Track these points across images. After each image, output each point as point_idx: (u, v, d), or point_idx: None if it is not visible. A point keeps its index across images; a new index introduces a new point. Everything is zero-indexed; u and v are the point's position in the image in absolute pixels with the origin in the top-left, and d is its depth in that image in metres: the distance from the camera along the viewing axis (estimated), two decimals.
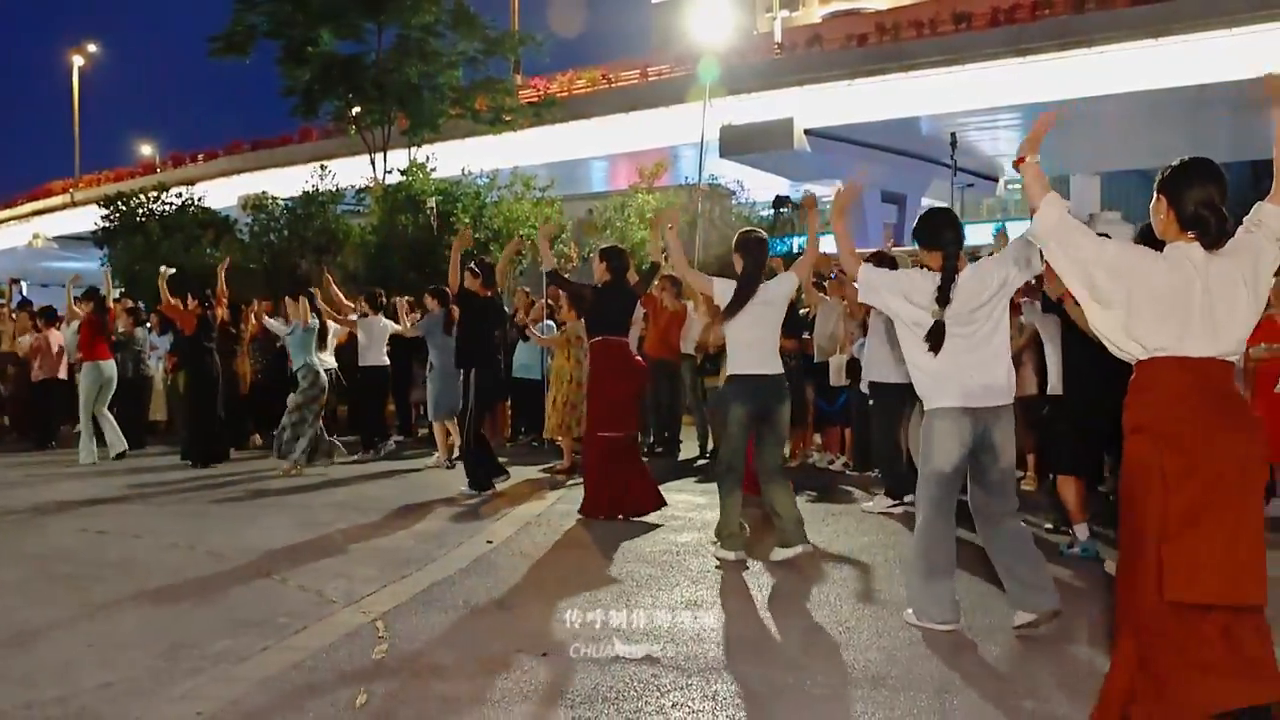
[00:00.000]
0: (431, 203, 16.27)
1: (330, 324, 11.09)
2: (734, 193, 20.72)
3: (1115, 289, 3.35)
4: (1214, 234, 3.38)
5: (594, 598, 5.41)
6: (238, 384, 12.22)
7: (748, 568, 6.11)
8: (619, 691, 4.03)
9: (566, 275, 9.64)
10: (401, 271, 15.85)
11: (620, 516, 7.58)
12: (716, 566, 6.14)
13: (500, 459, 9.31)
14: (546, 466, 10.44)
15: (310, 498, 8.88)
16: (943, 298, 4.59)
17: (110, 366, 11.52)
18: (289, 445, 10.25)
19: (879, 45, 32.85)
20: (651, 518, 7.62)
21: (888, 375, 7.65)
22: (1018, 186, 43.84)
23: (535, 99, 30.20)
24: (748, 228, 7.01)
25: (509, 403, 12.99)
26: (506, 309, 12.58)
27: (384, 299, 11.58)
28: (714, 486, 9.01)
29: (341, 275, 14.90)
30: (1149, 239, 5.76)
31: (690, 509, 8.09)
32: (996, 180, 41.14)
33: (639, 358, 8.37)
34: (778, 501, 6.24)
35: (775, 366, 6.27)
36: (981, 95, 31.60)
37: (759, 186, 27.21)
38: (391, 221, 16.95)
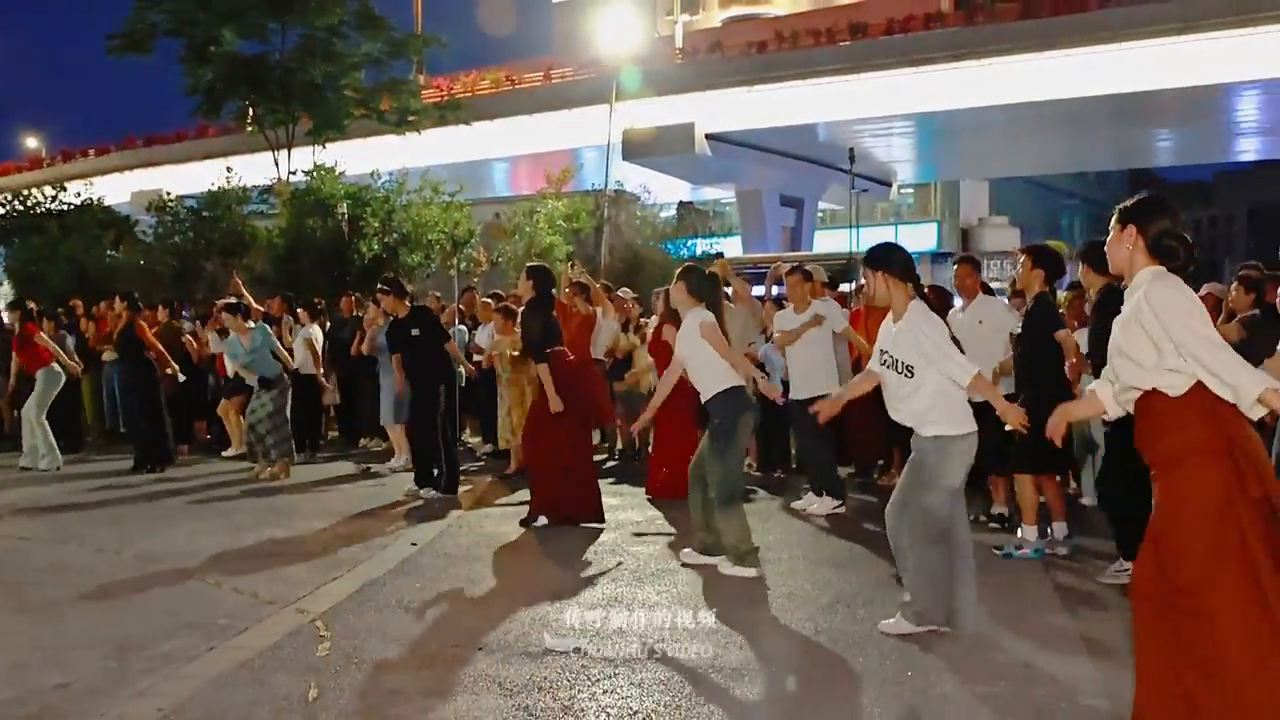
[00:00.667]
0: (343, 208, 16.35)
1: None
2: (639, 198, 21.15)
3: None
4: (1183, 262, 3.53)
5: (521, 595, 5.74)
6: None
7: (667, 566, 6.48)
8: (552, 681, 4.37)
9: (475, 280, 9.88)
10: (311, 275, 15.90)
11: (560, 521, 7.83)
12: (618, 563, 6.50)
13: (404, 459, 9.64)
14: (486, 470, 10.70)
15: (234, 503, 9.02)
16: None
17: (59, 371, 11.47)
18: (274, 448, 10.35)
19: (779, 52, 33.59)
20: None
21: (820, 388, 7.97)
22: (910, 191, 45.20)
23: (439, 99, 30.24)
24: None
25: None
26: None
27: (321, 306, 11.72)
28: (627, 487, 9.48)
29: (249, 278, 14.91)
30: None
31: (605, 510, 8.43)
32: (890, 185, 42.31)
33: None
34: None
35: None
36: (877, 103, 32.54)
37: (662, 190, 27.72)
38: (300, 225, 16.98)
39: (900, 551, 5.05)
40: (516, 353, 10.17)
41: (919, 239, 46.10)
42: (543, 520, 7.70)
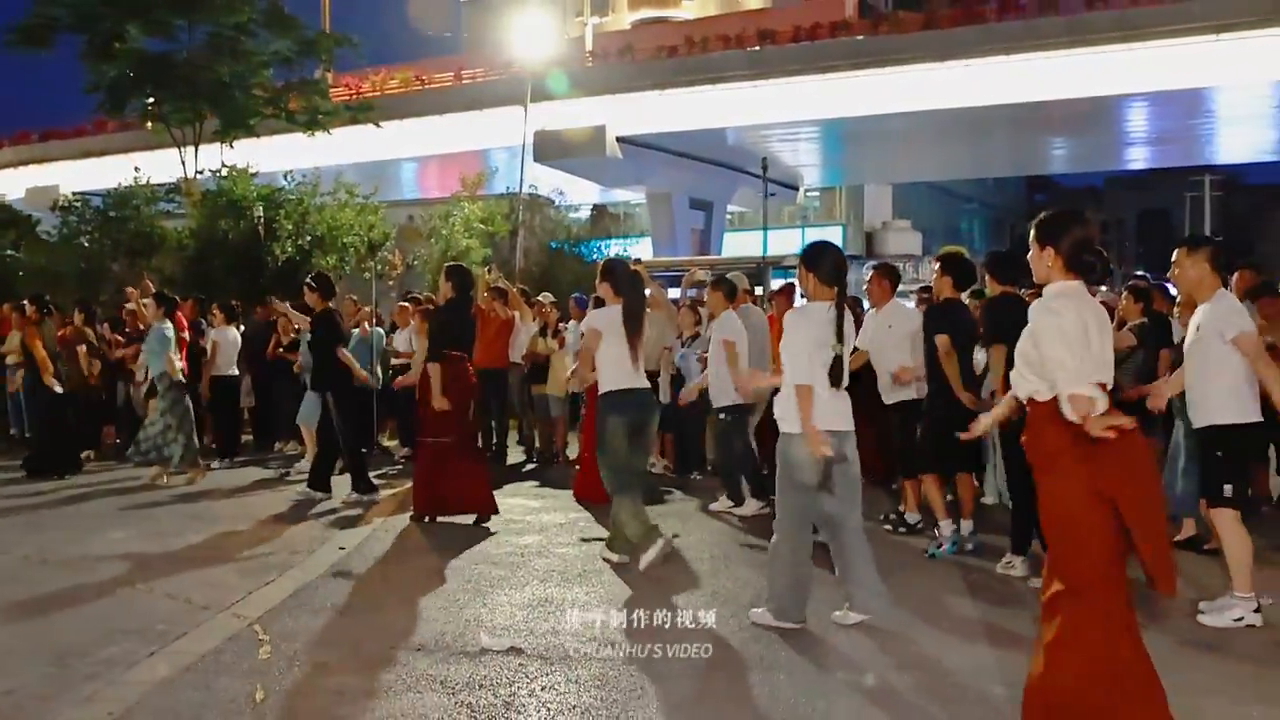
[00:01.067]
0: (259, 210, 16.20)
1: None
2: (553, 201, 21.28)
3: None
4: (1099, 275, 3.80)
5: (453, 597, 5.93)
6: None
7: (594, 567, 6.69)
8: (492, 679, 4.57)
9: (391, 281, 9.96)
10: (224, 277, 15.76)
11: (443, 517, 8.13)
12: (546, 564, 6.70)
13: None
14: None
15: (153, 509, 9.00)
16: (839, 334, 5.17)
17: None
18: (161, 451, 10.26)
19: (689, 57, 33.90)
20: (493, 523, 8.10)
21: (738, 398, 8.26)
22: (816, 195, 45.91)
23: (347, 98, 29.97)
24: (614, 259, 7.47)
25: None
26: None
27: (239, 308, 11.68)
28: (548, 490, 9.68)
29: (159, 279, 14.73)
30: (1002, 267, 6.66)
31: (527, 512, 8.63)
32: (797, 189, 42.97)
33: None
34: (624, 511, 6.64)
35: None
36: (785, 109, 33.03)
37: (576, 193, 27.88)
38: (211, 226, 16.78)
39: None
40: None
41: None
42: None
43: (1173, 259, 5.69)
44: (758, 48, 32.88)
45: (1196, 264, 5.54)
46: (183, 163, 22.33)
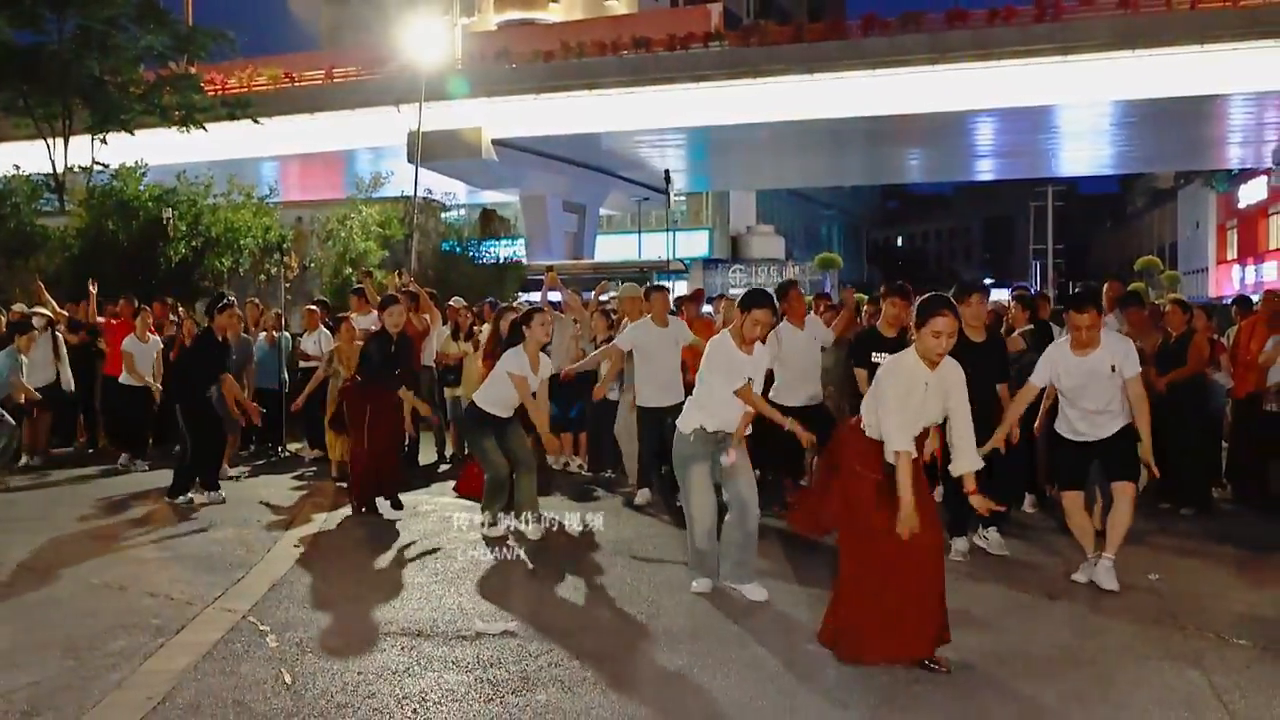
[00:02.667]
0: (168, 213, 15.98)
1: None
2: (444, 205, 21.45)
3: None
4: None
5: (426, 588, 6.30)
6: None
7: (544, 556, 7.11)
8: (500, 658, 4.98)
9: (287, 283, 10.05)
10: (115, 279, 15.50)
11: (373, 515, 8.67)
12: (490, 554, 7.11)
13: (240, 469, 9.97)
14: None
15: (75, 513, 9.01)
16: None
17: None
18: None
19: (566, 62, 34.35)
20: (432, 521, 8.44)
21: (656, 401, 8.77)
22: (683, 200, 46.76)
23: (213, 93, 29.43)
24: None
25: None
26: None
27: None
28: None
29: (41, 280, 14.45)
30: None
31: (460, 509, 8.96)
32: (666, 194, 43.86)
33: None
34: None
35: None
36: (657, 116, 33.79)
37: (462, 195, 28.06)
38: (99, 226, 16.47)
39: None
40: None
41: (693, 246, 48.02)
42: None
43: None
44: (633, 55, 33.49)
45: None
46: (51, 160, 21.76)
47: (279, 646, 5.20)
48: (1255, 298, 11.93)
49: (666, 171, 32.11)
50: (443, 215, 21.72)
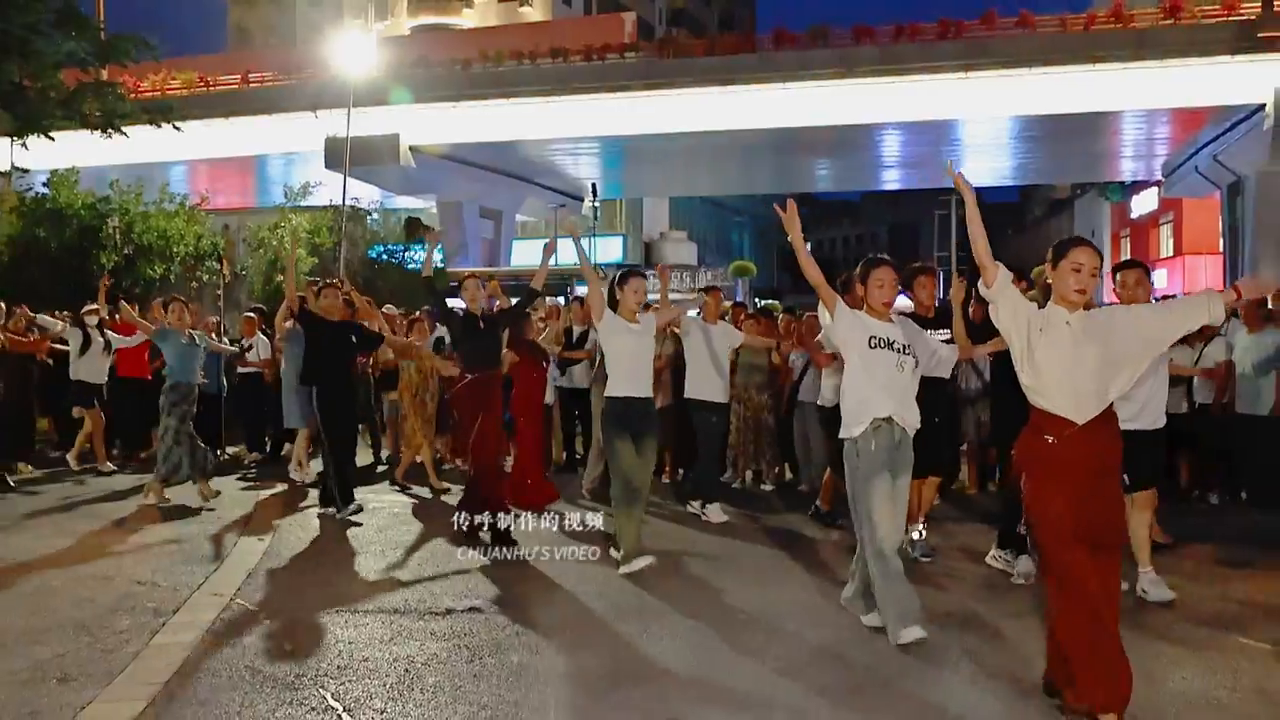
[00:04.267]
0: (113, 221, 16.17)
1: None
2: (370, 213, 21.81)
3: None
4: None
5: (390, 574, 6.99)
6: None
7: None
8: (473, 630, 5.68)
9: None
10: (48, 286, 15.71)
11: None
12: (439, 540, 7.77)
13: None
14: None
15: (35, 511, 9.44)
16: None
17: None
18: None
19: (484, 71, 34.75)
20: (383, 516, 9.05)
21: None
22: (598, 206, 47.45)
23: (133, 95, 29.24)
24: None
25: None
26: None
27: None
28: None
29: None
30: None
31: (403, 506, 9.63)
32: (582, 200, 44.51)
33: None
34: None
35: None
36: (573, 125, 34.40)
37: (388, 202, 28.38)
38: (30, 233, 16.61)
39: None
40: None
41: (607, 251, 48.70)
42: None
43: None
44: (551, 64, 34.05)
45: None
46: None
47: (271, 623, 5.82)
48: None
49: (593, 185, 32.69)
50: (369, 222, 22.09)
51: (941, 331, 7.06)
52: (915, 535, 7.38)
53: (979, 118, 31.67)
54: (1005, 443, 6.45)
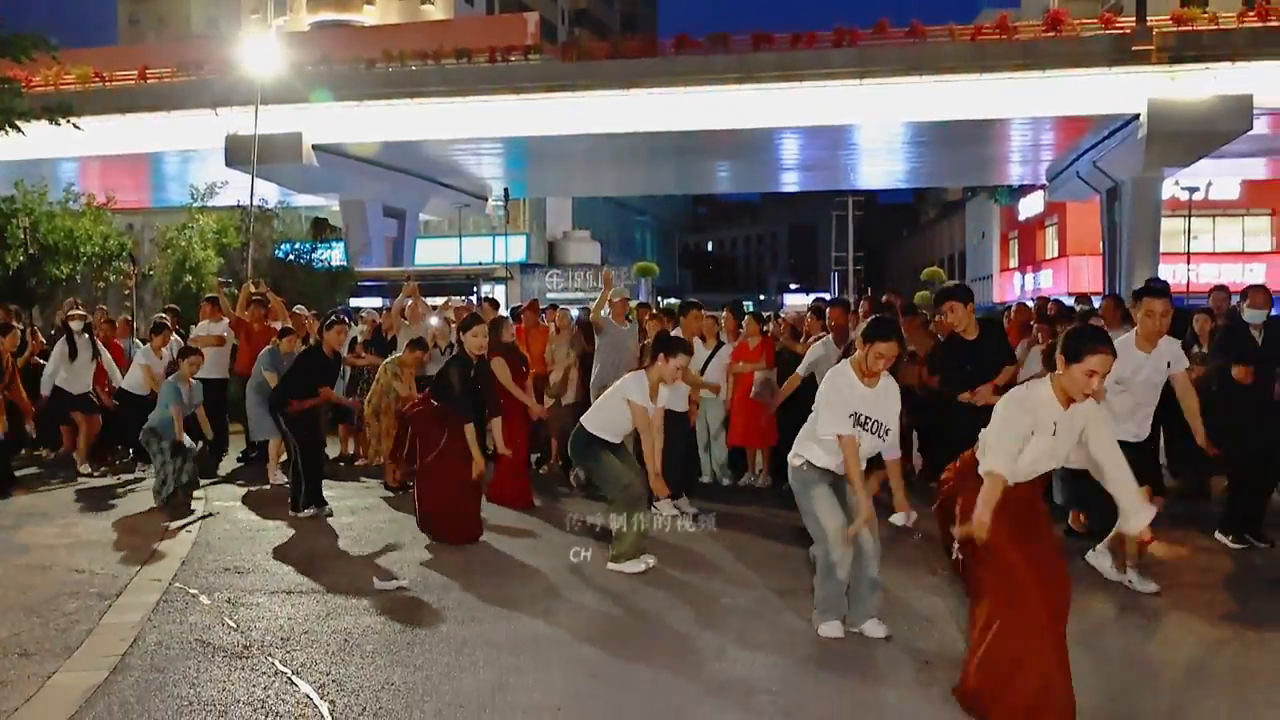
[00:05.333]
0: (24, 221, 16.04)
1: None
2: (276, 213, 21.84)
3: None
4: None
5: (317, 560, 7.40)
6: None
7: (410, 534, 8.24)
8: (405, 604, 6.15)
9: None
10: None
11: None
12: (365, 530, 8.21)
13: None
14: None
15: None
16: None
17: None
18: None
19: (388, 71, 34.81)
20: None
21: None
22: (501, 205, 47.68)
23: (29, 88, 28.71)
24: None
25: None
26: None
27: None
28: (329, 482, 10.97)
29: None
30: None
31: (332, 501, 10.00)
32: (486, 200, 44.78)
33: None
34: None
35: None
36: (477, 125, 34.68)
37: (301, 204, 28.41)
38: None
39: None
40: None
41: (512, 250, 49.00)
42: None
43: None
44: (455, 65, 34.26)
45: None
46: None
47: (211, 604, 6.23)
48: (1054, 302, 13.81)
49: (506, 190, 33.08)
50: (286, 222, 22.12)
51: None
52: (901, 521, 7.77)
53: (873, 123, 32.75)
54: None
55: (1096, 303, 12.33)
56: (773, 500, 9.47)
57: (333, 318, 9.85)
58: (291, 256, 20.18)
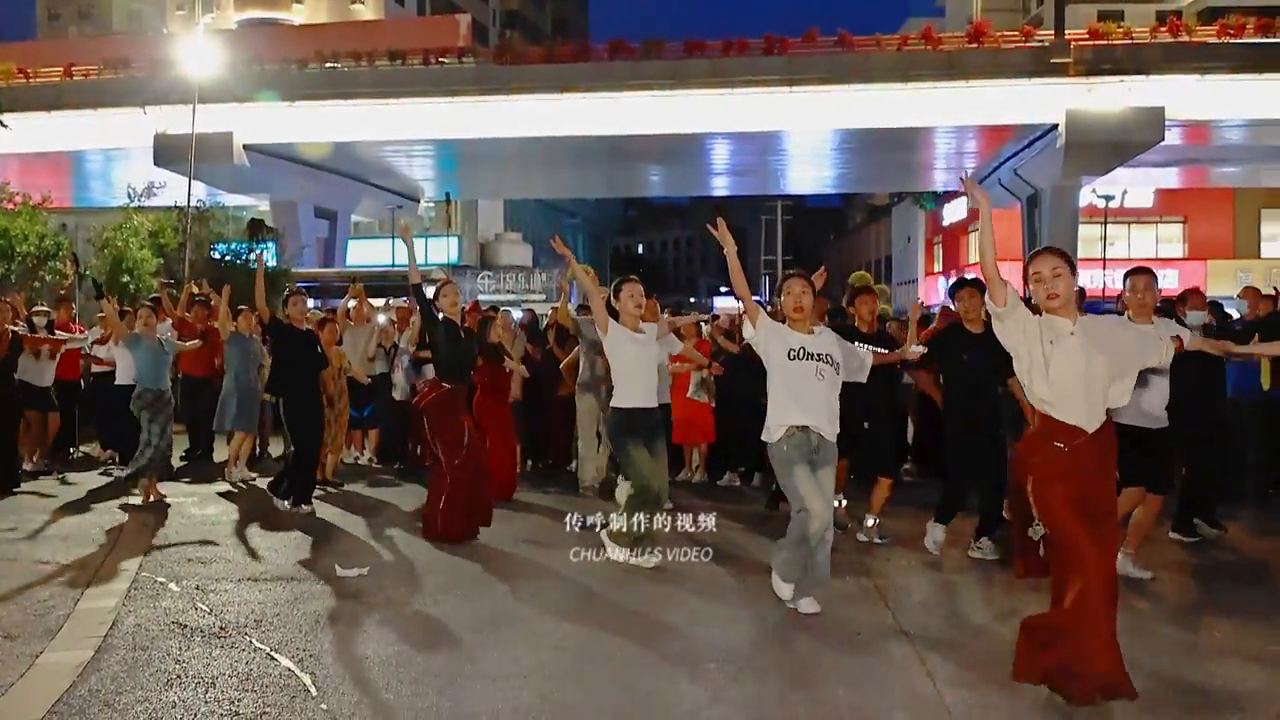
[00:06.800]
0: None
1: None
2: (213, 215, 21.68)
3: None
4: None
5: (274, 548, 7.66)
6: None
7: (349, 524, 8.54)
8: (366, 588, 6.47)
9: None
10: None
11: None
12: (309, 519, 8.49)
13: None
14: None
15: None
16: None
17: None
18: None
19: (321, 71, 34.73)
20: (254, 499, 9.67)
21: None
22: (432, 206, 47.64)
23: None
24: None
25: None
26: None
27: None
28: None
29: None
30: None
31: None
32: (418, 201, 44.83)
33: None
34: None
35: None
36: (410, 127, 34.76)
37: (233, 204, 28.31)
38: None
39: None
40: None
41: (443, 252, 49.08)
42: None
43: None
44: (388, 66, 34.30)
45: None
46: None
47: (181, 590, 6.49)
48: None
49: (448, 194, 33.05)
50: (221, 221, 22.01)
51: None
52: (869, 522, 7.89)
53: (802, 130, 33.44)
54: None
55: None
56: (715, 493, 9.96)
57: (288, 292, 9.94)
58: (228, 257, 20.17)
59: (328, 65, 35.05)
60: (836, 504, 7.44)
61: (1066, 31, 30.04)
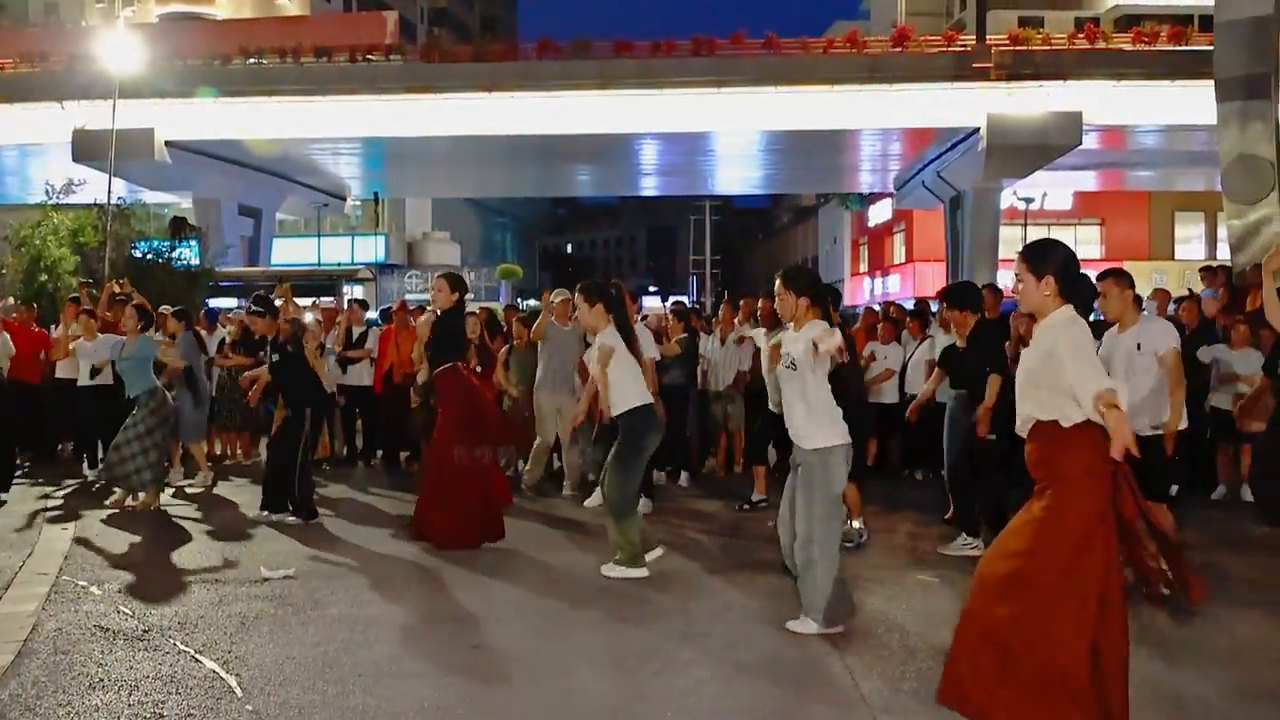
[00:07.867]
0: None
1: None
2: (133, 211, 21.26)
3: None
4: (1087, 300, 4.20)
5: (203, 551, 7.60)
6: None
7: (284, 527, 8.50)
8: (290, 589, 6.46)
9: None
10: None
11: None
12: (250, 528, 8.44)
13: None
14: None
15: None
16: None
17: None
18: None
19: (245, 68, 34.26)
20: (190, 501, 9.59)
21: None
22: (359, 205, 47.16)
23: None
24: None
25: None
26: None
27: None
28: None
29: None
30: None
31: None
32: (345, 199, 44.38)
33: None
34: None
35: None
36: (336, 125, 34.44)
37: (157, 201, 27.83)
38: None
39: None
40: None
41: (370, 251, 48.65)
42: None
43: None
44: (314, 63, 33.92)
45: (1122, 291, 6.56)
46: None
47: (102, 594, 6.43)
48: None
49: (375, 193, 32.75)
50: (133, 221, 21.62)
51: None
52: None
53: (730, 131, 33.71)
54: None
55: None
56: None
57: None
58: (150, 256, 19.85)
59: (252, 61, 34.57)
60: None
61: (988, 37, 30.65)
